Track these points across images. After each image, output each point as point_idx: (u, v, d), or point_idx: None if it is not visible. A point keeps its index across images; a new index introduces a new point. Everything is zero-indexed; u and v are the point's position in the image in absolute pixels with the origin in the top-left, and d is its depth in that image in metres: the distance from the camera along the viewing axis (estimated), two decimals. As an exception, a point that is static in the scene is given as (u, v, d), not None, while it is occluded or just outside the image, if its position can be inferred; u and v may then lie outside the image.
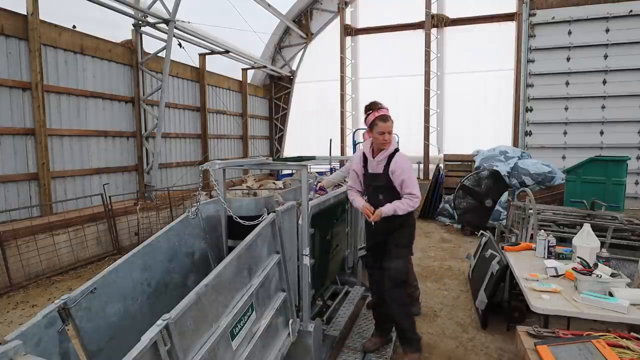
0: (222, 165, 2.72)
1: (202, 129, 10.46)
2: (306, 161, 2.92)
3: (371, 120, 2.91)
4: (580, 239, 3.14)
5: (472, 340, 3.64)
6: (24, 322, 1.88)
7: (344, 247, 4.21)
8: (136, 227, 7.06)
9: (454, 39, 11.70)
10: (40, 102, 6.04)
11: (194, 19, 8.65)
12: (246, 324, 2.14)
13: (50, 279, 5.53)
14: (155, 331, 1.46)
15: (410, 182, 2.92)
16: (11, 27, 5.75)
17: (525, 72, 10.03)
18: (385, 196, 2.99)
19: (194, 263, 2.86)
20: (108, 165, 7.53)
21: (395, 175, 2.93)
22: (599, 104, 9.53)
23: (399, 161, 2.93)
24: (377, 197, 3.04)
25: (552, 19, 9.68)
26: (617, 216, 4.42)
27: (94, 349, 2.00)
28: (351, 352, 3.29)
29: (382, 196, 3.01)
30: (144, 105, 8.21)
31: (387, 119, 2.89)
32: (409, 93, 12.08)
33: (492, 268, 3.89)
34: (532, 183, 7.27)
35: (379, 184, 3.02)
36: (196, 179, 9.88)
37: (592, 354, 1.89)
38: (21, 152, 5.97)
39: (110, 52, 7.49)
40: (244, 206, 2.87)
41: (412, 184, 2.92)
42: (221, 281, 1.94)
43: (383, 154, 2.98)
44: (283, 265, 2.57)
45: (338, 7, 12.60)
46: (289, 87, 13.77)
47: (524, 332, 2.19)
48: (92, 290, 1.98)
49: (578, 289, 2.60)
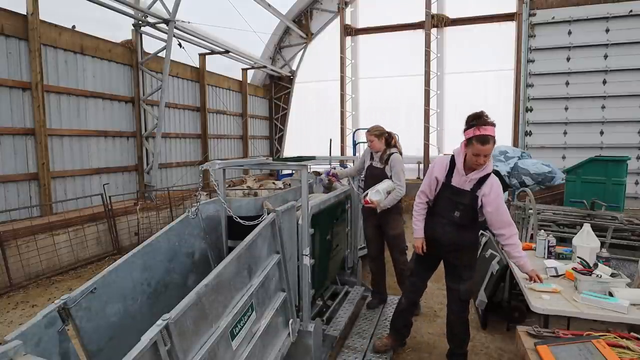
0: (222, 165, 2.72)
1: (202, 129, 10.46)
2: (306, 161, 2.92)
3: (469, 136, 2.63)
4: (580, 239, 3.14)
5: (472, 340, 3.63)
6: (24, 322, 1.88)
7: (344, 247, 4.22)
8: (136, 227, 7.05)
9: (454, 39, 11.70)
10: (40, 102, 6.04)
11: (194, 19, 8.65)
12: (246, 324, 2.14)
13: (50, 279, 5.53)
14: (155, 331, 1.46)
15: (503, 211, 2.71)
16: (11, 27, 5.75)
17: (525, 72, 10.03)
18: (463, 214, 2.80)
19: (194, 263, 2.86)
20: (108, 165, 7.53)
21: (487, 199, 2.69)
22: (599, 104, 9.53)
23: (495, 185, 2.71)
24: (453, 212, 2.82)
25: (552, 19, 9.68)
26: (617, 216, 4.42)
27: (94, 349, 2.00)
28: (351, 352, 3.29)
29: (459, 214, 2.80)
30: (144, 105, 8.20)
31: (486, 141, 2.54)
32: (409, 93, 12.08)
33: (492, 268, 3.89)
34: (532, 183, 7.27)
35: (463, 201, 2.79)
36: (196, 179, 9.88)
37: (592, 354, 1.89)
38: (21, 152, 5.97)
39: (110, 52, 7.49)
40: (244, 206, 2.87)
41: (505, 213, 2.71)
42: (221, 281, 1.94)
43: (478, 174, 2.72)
44: (283, 265, 2.57)
45: (338, 7, 12.59)
46: (289, 87, 13.77)
47: (524, 332, 2.19)
48: (92, 290, 1.98)
49: (578, 289, 2.60)
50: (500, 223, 2.71)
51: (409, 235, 3.55)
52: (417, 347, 3.53)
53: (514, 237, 2.72)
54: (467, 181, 2.75)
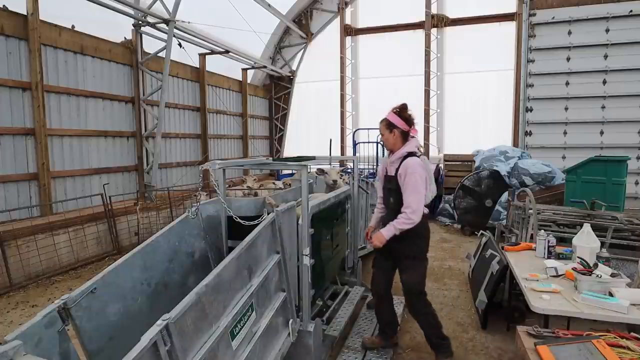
0: (222, 165, 2.72)
1: (202, 129, 10.46)
2: (306, 161, 2.92)
3: None
4: (580, 239, 3.14)
5: (472, 340, 3.64)
6: (24, 322, 1.88)
7: (344, 247, 4.21)
8: (136, 227, 7.06)
9: (454, 39, 11.69)
10: (40, 102, 6.04)
11: (194, 19, 8.64)
12: (246, 324, 2.14)
13: (50, 279, 5.53)
14: (155, 331, 1.46)
15: (409, 193, 2.78)
16: (11, 27, 5.75)
17: (525, 72, 10.02)
18: (394, 199, 2.96)
19: (194, 263, 2.86)
20: (108, 165, 7.53)
21: (401, 180, 2.84)
22: (599, 104, 9.52)
23: (408, 166, 2.81)
24: (389, 199, 3.03)
25: (552, 19, 9.67)
26: (617, 216, 4.42)
27: (94, 349, 2.00)
28: (351, 352, 3.29)
29: (392, 199, 2.99)
30: (144, 105, 8.20)
31: (381, 122, 3.01)
32: (409, 93, 12.04)
33: (492, 268, 3.89)
34: (532, 183, 7.27)
35: (391, 186, 2.95)
36: (196, 179, 9.88)
37: (592, 354, 1.89)
38: (21, 152, 5.97)
39: (110, 52, 7.49)
40: (244, 206, 2.87)
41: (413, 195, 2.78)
42: (221, 281, 1.94)
43: (395, 156, 2.92)
44: (283, 265, 2.57)
45: (338, 7, 12.59)
46: (289, 87, 13.77)
47: (524, 332, 2.19)
48: (92, 290, 1.98)
49: (578, 289, 2.60)
50: (404, 202, 2.83)
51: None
52: (417, 347, 3.53)
53: (402, 216, 2.80)
54: (391, 165, 2.97)
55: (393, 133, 2.93)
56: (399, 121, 2.93)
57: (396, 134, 2.93)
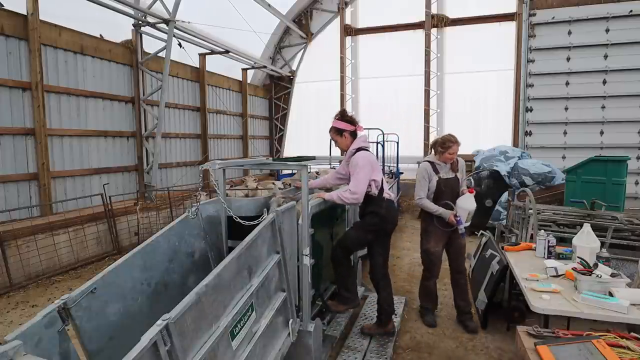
0: (222, 165, 2.72)
1: (202, 129, 10.46)
2: (306, 161, 2.92)
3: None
4: (580, 239, 3.14)
5: (472, 340, 3.64)
6: (24, 322, 1.88)
7: (344, 247, 4.20)
8: (136, 227, 7.06)
9: (454, 39, 11.68)
10: (40, 102, 6.04)
11: (194, 19, 8.64)
12: (246, 324, 2.14)
13: (50, 279, 5.53)
14: (155, 331, 1.46)
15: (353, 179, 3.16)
16: (11, 27, 5.75)
17: (525, 72, 10.01)
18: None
19: (194, 263, 2.86)
20: (108, 165, 7.53)
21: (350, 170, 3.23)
22: (599, 104, 9.52)
23: (354, 159, 3.22)
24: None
25: (552, 19, 9.67)
26: (617, 216, 4.42)
27: (94, 349, 2.00)
28: (351, 352, 3.29)
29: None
30: (144, 105, 8.20)
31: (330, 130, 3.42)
32: (409, 93, 12.07)
33: (492, 268, 3.89)
34: (532, 183, 7.26)
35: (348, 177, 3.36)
36: (196, 179, 9.87)
37: (592, 354, 1.89)
38: (21, 152, 5.97)
39: (110, 52, 7.49)
40: (244, 206, 2.87)
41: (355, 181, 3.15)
42: (221, 281, 1.94)
43: (348, 153, 3.33)
44: (283, 265, 2.57)
45: (338, 7, 12.59)
46: (289, 87, 13.76)
47: (524, 332, 2.19)
48: (92, 290, 1.98)
49: (578, 289, 2.60)
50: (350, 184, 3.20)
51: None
52: (417, 347, 3.53)
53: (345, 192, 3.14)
54: (347, 161, 3.34)
55: (344, 136, 3.33)
56: (344, 124, 3.32)
57: (346, 136, 3.33)
